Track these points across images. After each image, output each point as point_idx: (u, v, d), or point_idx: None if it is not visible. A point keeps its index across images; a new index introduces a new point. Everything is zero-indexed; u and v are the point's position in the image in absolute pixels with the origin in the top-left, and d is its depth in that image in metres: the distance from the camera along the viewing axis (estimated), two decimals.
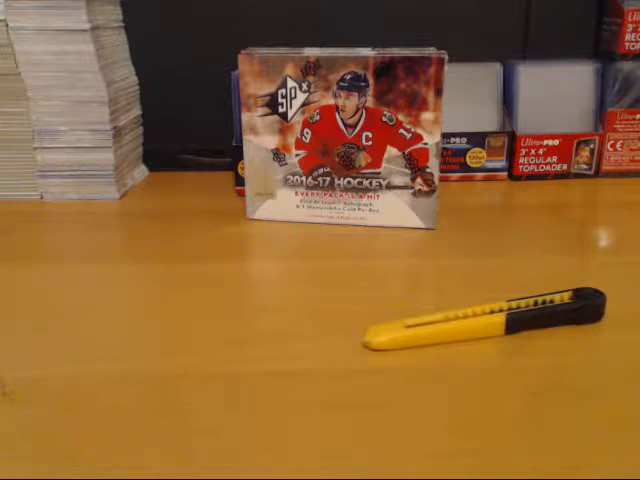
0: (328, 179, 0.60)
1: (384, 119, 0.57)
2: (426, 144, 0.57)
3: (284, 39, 0.75)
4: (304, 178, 0.60)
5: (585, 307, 0.41)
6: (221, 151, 0.79)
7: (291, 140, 0.59)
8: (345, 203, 0.60)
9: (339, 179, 0.59)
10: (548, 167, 0.75)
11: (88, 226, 0.61)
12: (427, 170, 0.57)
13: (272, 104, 0.58)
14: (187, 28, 0.77)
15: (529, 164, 0.74)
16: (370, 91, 0.56)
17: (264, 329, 0.42)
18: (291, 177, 0.60)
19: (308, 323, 0.42)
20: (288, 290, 0.48)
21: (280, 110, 0.58)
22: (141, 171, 0.78)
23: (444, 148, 0.74)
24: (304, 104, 0.58)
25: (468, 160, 0.75)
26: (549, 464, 0.29)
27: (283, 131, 0.59)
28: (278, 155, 0.60)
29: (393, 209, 0.59)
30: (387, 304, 0.45)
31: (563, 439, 0.31)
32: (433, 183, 0.58)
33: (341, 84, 0.56)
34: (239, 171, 0.68)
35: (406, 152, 0.57)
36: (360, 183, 0.59)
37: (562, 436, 0.31)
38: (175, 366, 0.37)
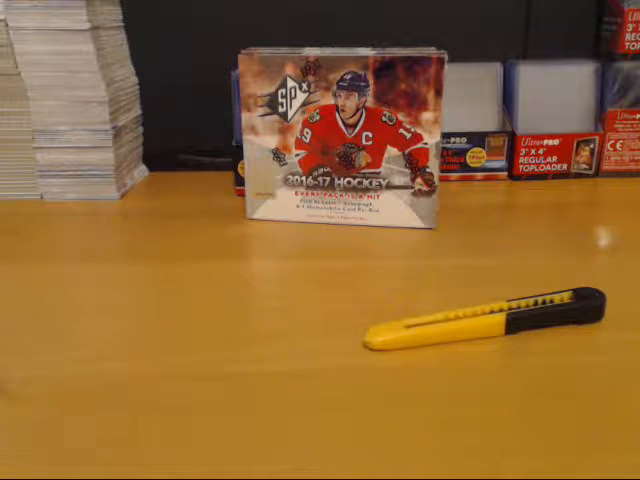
0: (328, 179, 0.60)
1: (384, 119, 0.57)
2: (426, 144, 0.57)
3: (284, 39, 0.75)
4: (304, 178, 0.60)
5: (585, 307, 0.41)
6: (221, 151, 0.79)
7: (291, 140, 0.59)
8: (345, 203, 0.60)
9: (339, 179, 0.59)
10: (548, 167, 0.75)
11: (88, 226, 0.61)
12: (427, 170, 0.57)
13: (272, 104, 0.58)
14: (187, 28, 0.77)
15: (529, 164, 0.74)
16: (370, 91, 0.56)
17: (264, 329, 0.42)
18: (291, 177, 0.60)
19: (308, 323, 0.42)
20: (288, 290, 0.48)
21: (280, 110, 0.58)
22: (141, 171, 0.78)
23: (444, 148, 0.74)
24: (304, 104, 0.58)
25: (468, 160, 0.75)
26: (548, 464, 0.29)
27: (283, 131, 0.59)
28: (278, 155, 0.60)
29: (393, 209, 0.59)
30: (387, 304, 0.45)
31: (563, 439, 0.31)
32: (433, 183, 0.58)
33: (341, 84, 0.56)
34: (239, 171, 0.68)
35: (406, 152, 0.57)
36: (360, 183, 0.59)
37: (562, 436, 0.31)
38: (175, 366, 0.37)
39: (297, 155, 0.59)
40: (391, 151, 0.58)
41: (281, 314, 0.44)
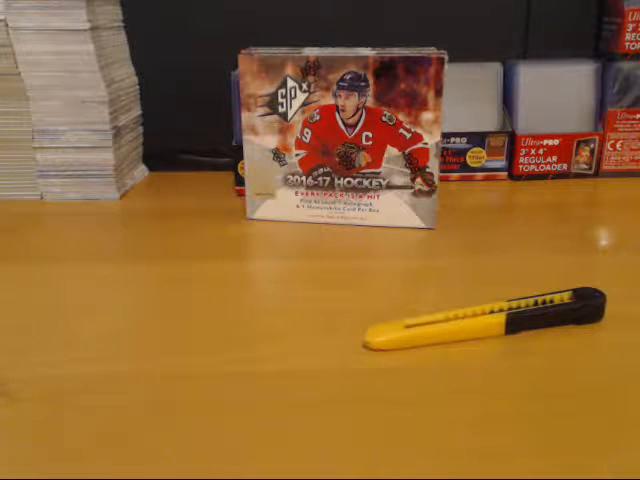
0: (328, 179, 0.60)
1: (384, 119, 0.57)
2: (426, 144, 0.57)
3: (284, 39, 0.75)
4: (304, 178, 0.60)
5: (585, 307, 0.41)
6: (221, 151, 0.79)
7: (291, 140, 0.59)
8: (345, 203, 0.60)
9: (339, 179, 0.59)
10: (548, 167, 0.75)
11: (88, 226, 0.61)
12: (427, 170, 0.57)
13: (272, 104, 0.58)
14: (187, 28, 0.77)
15: (529, 164, 0.74)
16: (370, 91, 0.56)
17: (264, 329, 0.42)
18: (291, 177, 0.60)
19: (308, 323, 0.42)
20: (288, 290, 0.48)
21: (280, 110, 0.58)
22: (141, 171, 0.78)
23: (444, 148, 0.74)
24: (304, 104, 0.58)
25: (468, 160, 0.75)
26: (549, 464, 0.29)
27: (283, 131, 0.59)
28: (278, 155, 0.60)
29: (393, 209, 0.59)
30: (387, 304, 0.45)
31: (563, 439, 0.31)
32: (433, 183, 0.58)
33: (341, 84, 0.56)
34: (239, 171, 0.68)
35: (406, 152, 0.57)
36: (360, 183, 0.59)
37: (562, 436, 0.31)
38: (175, 366, 0.37)
39: (297, 155, 0.59)
40: (391, 151, 0.58)
41: (281, 314, 0.44)
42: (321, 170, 0.59)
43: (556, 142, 0.74)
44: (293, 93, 0.57)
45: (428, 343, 0.39)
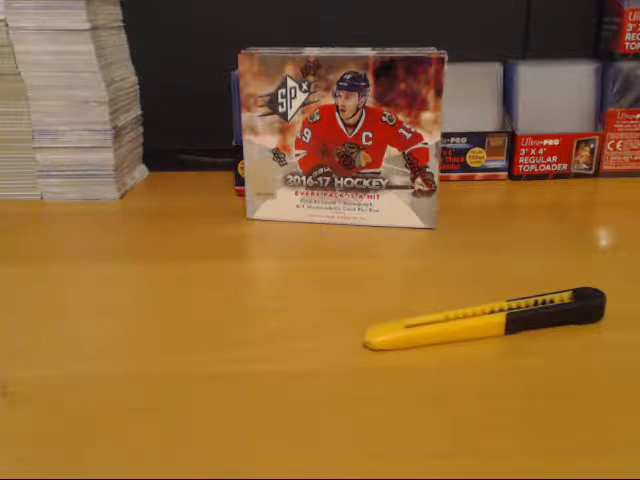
0: (328, 179, 0.60)
1: (384, 119, 0.57)
2: (426, 144, 0.57)
3: (284, 39, 0.75)
4: (304, 178, 0.60)
5: (585, 307, 0.41)
6: (221, 151, 0.79)
7: (291, 140, 0.59)
8: (345, 203, 0.60)
9: (339, 179, 0.59)
10: (548, 167, 0.75)
11: (88, 226, 0.61)
12: (427, 170, 0.57)
13: (272, 104, 0.58)
14: (187, 28, 0.77)
15: (529, 164, 0.74)
16: (370, 91, 0.56)
17: (264, 329, 0.42)
18: (291, 177, 0.60)
19: (308, 323, 0.42)
20: (288, 290, 0.48)
21: (280, 110, 0.58)
22: (141, 171, 0.78)
23: (444, 148, 0.74)
24: (304, 104, 0.58)
25: (468, 160, 0.75)
26: (549, 464, 0.29)
27: (283, 131, 0.59)
28: (278, 155, 0.60)
29: (393, 209, 0.59)
30: (387, 304, 0.45)
31: (563, 439, 0.31)
32: (433, 183, 0.58)
33: (341, 84, 0.56)
34: (239, 171, 0.68)
35: (406, 152, 0.57)
36: (360, 183, 0.59)
37: (562, 436, 0.31)
38: (175, 366, 0.37)
39: (297, 155, 0.59)
40: (391, 151, 0.58)
41: (281, 314, 0.44)
42: (321, 170, 0.59)
43: (556, 142, 0.74)
44: (293, 93, 0.57)
45: (428, 343, 0.39)
